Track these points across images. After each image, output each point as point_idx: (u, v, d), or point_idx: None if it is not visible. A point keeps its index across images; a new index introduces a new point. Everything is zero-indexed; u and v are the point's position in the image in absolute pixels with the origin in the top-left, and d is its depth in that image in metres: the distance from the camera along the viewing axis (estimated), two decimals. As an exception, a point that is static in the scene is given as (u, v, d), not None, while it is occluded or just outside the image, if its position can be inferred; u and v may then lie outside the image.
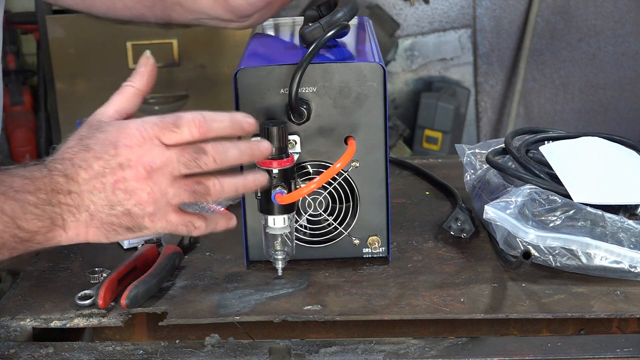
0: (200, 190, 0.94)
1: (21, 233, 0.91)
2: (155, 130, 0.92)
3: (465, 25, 3.46)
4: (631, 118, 3.56)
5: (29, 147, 3.22)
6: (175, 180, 0.93)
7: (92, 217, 0.93)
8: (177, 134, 0.92)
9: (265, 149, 1.00)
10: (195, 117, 0.93)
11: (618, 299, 1.05)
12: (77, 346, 1.01)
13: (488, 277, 1.11)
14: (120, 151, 0.91)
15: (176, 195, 0.93)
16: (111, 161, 0.91)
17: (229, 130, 0.95)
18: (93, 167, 0.91)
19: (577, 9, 3.45)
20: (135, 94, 0.97)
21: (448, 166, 1.51)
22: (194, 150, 0.93)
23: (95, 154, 0.92)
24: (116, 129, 0.93)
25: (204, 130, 0.93)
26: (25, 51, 3.31)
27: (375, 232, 1.15)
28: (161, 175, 0.92)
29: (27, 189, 0.91)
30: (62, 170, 0.92)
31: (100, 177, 0.91)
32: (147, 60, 0.98)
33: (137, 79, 0.98)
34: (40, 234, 0.92)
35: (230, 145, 0.95)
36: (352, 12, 1.13)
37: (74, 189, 0.91)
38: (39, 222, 0.91)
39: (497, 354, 0.98)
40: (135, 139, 0.92)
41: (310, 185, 1.05)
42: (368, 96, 1.10)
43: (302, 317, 1.04)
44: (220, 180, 0.95)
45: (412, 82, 3.51)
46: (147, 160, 0.91)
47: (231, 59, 2.84)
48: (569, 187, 1.13)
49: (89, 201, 0.92)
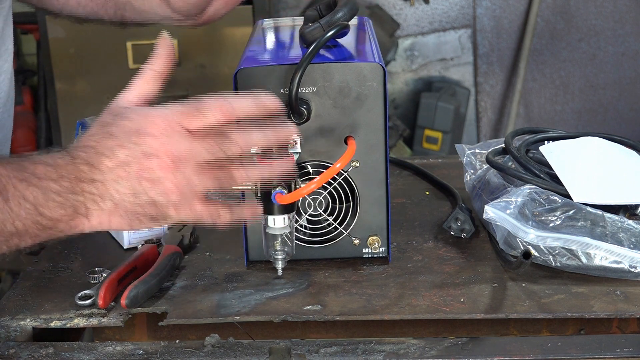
0: (225, 178, 0.93)
1: (43, 220, 0.90)
2: (179, 117, 0.91)
3: (465, 25, 3.46)
4: (631, 118, 3.56)
5: (29, 147, 3.22)
6: (200, 168, 0.91)
7: (116, 205, 0.91)
8: (200, 120, 0.91)
9: (290, 131, 0.97)
10: (219, 101, 0.92)
11: (618, 299, 1.05)
12: (77, 346, 1.01)
13: (488, 277, 1.11)
14: (145, 140, 0.90)
15: (201, 184, 0.92)
16: (136, 150, 0.90)
17: (254, 111, 0.94)
18: (118, 155, 0.90)
19: (577, 9, 3.45)
20: (155, 77, 0.96)
21: (448, 166, 1.51)
22: (217, 136, 0.92)
23: (120, 142, 0.91)
24: (140, 116, 0.92)
25: (228, 113, 0.92)
26: (25, 51, 3.31)
27: (375, 232, 1.15)
28: (186, 164, 0.91)
29: (50, 177, 0.90)
30: (86, 159, 0.91)
31: (125, 166, 0.90)
32: (164, 42, 0.96)
33: (157, 62, 0.96)
34: (63, 222, 0.91)
35: (254, 129, 0.93)
36: (352, 12, 1.13)
37: (98, 177, 0.90)
38: (62, 210, 0.90)
39: (497, 354, 0.98)
40: (160, 127, 0.90)
41: (310, 185, 1.05)
42: (368, 96, 1.10)
43: (302, 317, 1.04)
44: (245, 167, 0.94)
45: (412, 82, 3.51)
46: (171, 149, 0.90)
47: (231, 59, 2.85)
48: (569, 187, 1.13)
49: (113, 190, 0.91)
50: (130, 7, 1.30)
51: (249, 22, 2.81)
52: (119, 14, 1.32)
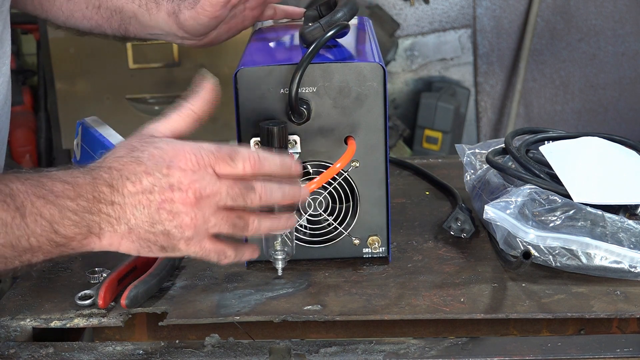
0: (240, 225, 0.95)
1: (57, 238, 0.91)
2: (211, 158, 0.93)
3: (465, 25, 3.46)
4: (631, 118, 3.56)
5: (29, 147, 3.22)
6: (219, 211, 0.94)
7: (130, 230, 0.92)
8: (231, 167, 0.93)
9: (305, 194, 1.01)
10: (252, 155, 0.94)
11: (618, 299, 1.05)
12: (77, 346, 1.01)
13: (488, 277, 1.11)
14: (173, 172, 0.92)
15: (216, 225, 0.94)
16: (162, 180, 0.91)
17: (278, 172, 0.97)
18: (142, 181, 0.91)
19: (577, 9, 3.45)
20: (192, 117, 0.98)
21: (448, 166, 1.51)
22: (244, 186, 0.94)
23: (147, 169, 0.92)
24: (172, 148, 0.93)
25: (257, 168, 0.94)
26: (25, 51, 3.31)
27: (375, 232, 1.15)
28: (207, 204, 0.92)
29: (68, 195, 0.90)
30: (108, 180, 0.91)
31: (148, 194, 0.91)
32: (207, 84, 0.99)
33: (197, 102, 0.98)
34: (76, 240, 0.92)
35: (276, 188, 0.96)
36: (352, 12, 1.13)
37: (118, 200, 0.91)
38: (76, 229, 0.91)
39: (497, 354, 0.98)
40: (191, 164, 0.92)
41: (310, 185, 1.06)
42: (368, 96, 1.10)
43: (302, 317, 1.04)
44: (259, 219, 0.97)
45: (412, 82, 3.51)
46: (198, 186, 0.92)
47: (231, 59, 2.84)
48: (569, 187, 1.13)
49: (131, 214, 0.92)
50: (136, 21, 1.31)
51: (249, 22, 2.81)
52: (123, 27, 1.33)
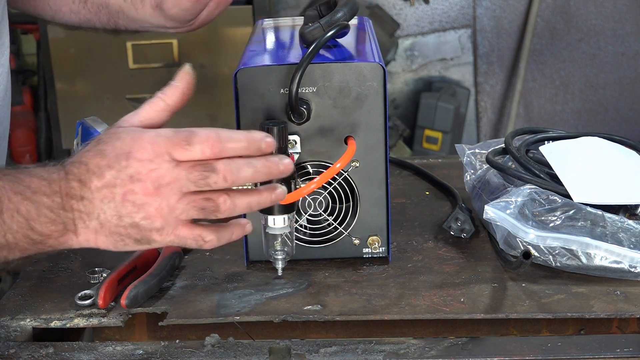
0: (210, 207, 0.92)
1: (34, 235, 0.91)
2: (168, 145, 0.90)
3: (465, 25, 3.46)
4: (631, 118, 3.56)
5: (29, 147, 3.22)
6: (184, 196, 0.91)
7: (101, 225, 0.92)
8: (188, 152, 0.90)
9: (287, 166, 0.94)
10: (210, 136, 0.90)
11: (618, 299, 1.05)
12: (77, 346, 1.01)
13: (488, 277, 1.11)
14: (132, 163, 0.90)
15: (184, 211, 0.92)
16: (122, 172, 0.90)
17: (245, 151, 0.92)
18: (105, 175, 0.91)
19: (577, 9, 3.45)
20: (164, 109, 0.95)
21: (448, 166, 1.51)
22: (204, 169, 0.90)
23: (109, 162, 0.91)
24: (131, 138, 0.91)
25: (217, 150, 0.90)
26: (25, 51, 3.31)
27: (375, 232, 1.15)
28: (169, 191, 0.90)
29: (44, 191, 0.90)
30: (78, 175, 0.91)
31: (111, 187, 0.91)
32: (184, 76, 0.94)
33: (170, 94, 0.94)
34: (53, 237, 0.92)
35: (244, 164, 0.91)
36: (352, 12, 1.13)
37: (87, 195, 0.91)
38: (52, 226, 0.91)
39: (497, 354, 0.98)
40: (147, 153, 0.90)
41: (310, 185, 1.05)
42: (368, 96, 1.10)
43: (302, 317, 1.04)
44: (231, 197, 0.92)
45: (412, 82, 3.51)
46: (155, 175, 0.90)
47: (231, 59, 2.84)
48: (569, 187, 1.13)
49: (100, 209, 0.91)
50: (124, 15, 1.30)
51: (249, 22, 2.81)
52: (113, 22, 1.32)
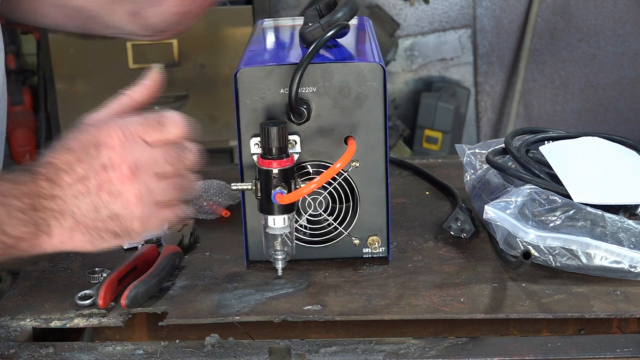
0: (186, 184, 0.93)
1: (6, 239, 0.89)
2: (139, 129, 0.90)
3: (465, 25, 3.46)
4: (631, 118, 3.56)
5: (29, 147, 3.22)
6: (161, 178, 0.91)
7: (77, 222, 0.90)
8: (162, 133, 0.91)
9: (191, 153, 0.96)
10: (178, 117, 0.92)
11: (618, 299, 1.05)
12: (77, 346, 1.01)
13: (488, 277, 1.11)
14: (102, 151, 0.89)
15: (163, 193, 0.91)
16: (93, 163, 0.89)
17: None
18: (76, 170, 0.89)
19: (577, 9, 3.45)
20: (129, 104, 0.95)
21: (448, 166, 1.51)
22: (179, 148, 0.92)
23: (78, 156, 0.89)
24: (97, 129, 0.90)
25: (184, 130, 0.92)
26: (25, 51, 3.30)
27: (375, 232, 1.15)
28: (146, 174, 0.90)
29: (14, 194, 0.89)
30: (46, 174, 0.90)
31: (85, 181, 0.89)
32: (153, 74, 0.96)
33: (137, 90, 0.95)
34: (25, 240, 0.90)
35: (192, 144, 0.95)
36: (352, 12, 1.13)
37: (58, 193, 0.89)
38: (24, 228, 0.89)
39: (497, 354, 0.98)
40: (117, 139, 0.89)
41: (310, 185, 1.05)
42: (368, 96, 1.10)
43: (302, 317, 1.04)
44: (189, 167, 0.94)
45: (412, 82, 3.51)
46: (131, 159, 0.89)
47: (231, 59, 2.84)
48: (569, 187, 1.13)
49: (74, 206, 0.90)
50: (100, 20, 1.28)
51: (249, 22, 2.81)
52: (88, 27, 1.30)
